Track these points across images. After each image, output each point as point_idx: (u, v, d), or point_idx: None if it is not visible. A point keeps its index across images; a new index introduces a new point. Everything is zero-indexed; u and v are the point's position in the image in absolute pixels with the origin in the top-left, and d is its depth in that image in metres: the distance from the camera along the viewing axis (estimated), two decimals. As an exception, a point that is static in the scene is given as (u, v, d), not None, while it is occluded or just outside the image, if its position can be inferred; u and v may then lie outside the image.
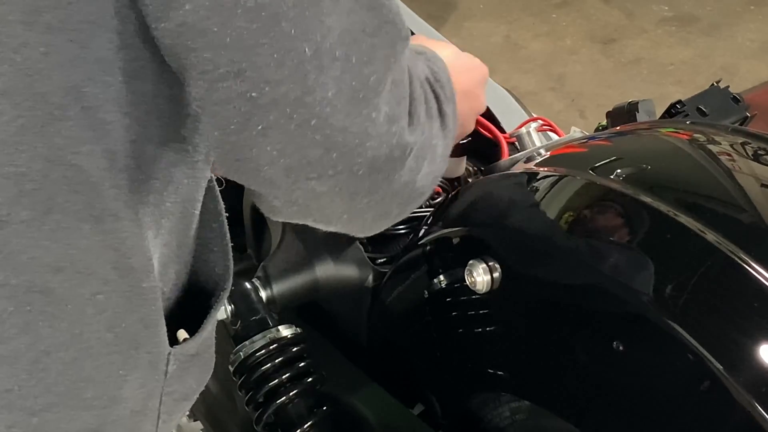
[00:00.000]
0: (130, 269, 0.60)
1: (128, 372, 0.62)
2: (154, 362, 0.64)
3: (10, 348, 0.57)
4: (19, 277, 0.56)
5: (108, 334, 0.60)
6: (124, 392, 0.63)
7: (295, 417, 0.90)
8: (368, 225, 0.68)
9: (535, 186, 0.84)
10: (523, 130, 1.07)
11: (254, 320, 0.93)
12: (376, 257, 1.01)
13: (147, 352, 0.63)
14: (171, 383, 0.67)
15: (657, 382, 0.68)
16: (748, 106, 1.10)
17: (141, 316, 0.62)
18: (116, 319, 0.60)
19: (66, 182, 0.56)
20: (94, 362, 0.60)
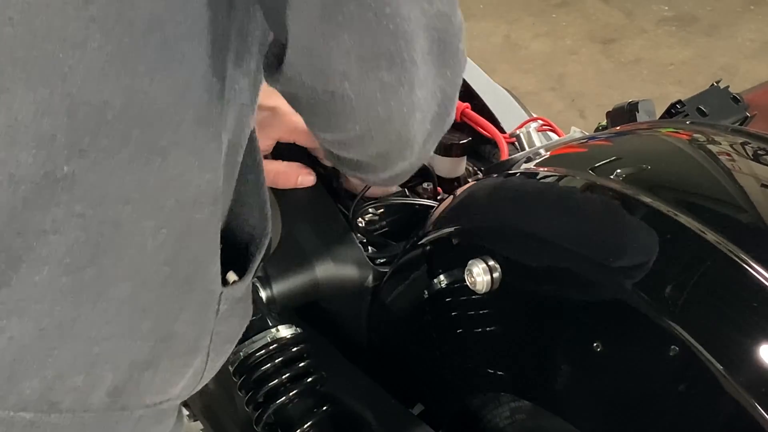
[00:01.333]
0: (191, 204, 0.62)
1: (182, 308, 0.64)
2: (207, 301, 0.66)
3: (76, 278, 0.58)
4: (95, 209, 0.57)
5: (165, 268, 0.62)
6: (179, 327, 0.64)
7: (295, 417, 0.90)
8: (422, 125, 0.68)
9: (534, 186, 0.84)
10: (523, 130, 1.07)
11: (254, 320, 0.92)
12: (376, 257, 1.01)
13: (202, 289, 0.65)
14: (220, 323, 0.69)
15: (657, 382, 0.68)
16: (748, 106, 1.10)
17: (198, 253, 0.64)
18: (174, 254, 0.62)
19: (142, 113, 0.57)
20: (150, 295, 0.62)
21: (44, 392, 0.59)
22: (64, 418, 0.61)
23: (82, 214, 0.57)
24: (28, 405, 0.59)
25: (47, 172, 0.55)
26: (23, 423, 0.60)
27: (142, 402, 0.65)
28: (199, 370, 0.70)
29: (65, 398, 0.60)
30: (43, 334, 0.58)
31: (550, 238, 0.76)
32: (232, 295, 0.69)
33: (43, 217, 0.56)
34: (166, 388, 0.67)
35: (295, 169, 0.99)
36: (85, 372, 0.60)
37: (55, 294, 0.58)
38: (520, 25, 3.57)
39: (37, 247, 0.56)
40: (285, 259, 0.98)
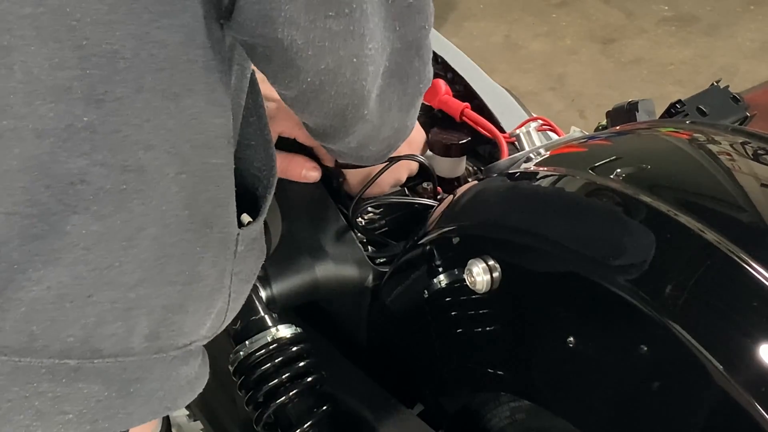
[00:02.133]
0: (206, 147, 0.64)
1: (204, 250, 0.66)
2: (225, 242, 0.68)
3: (107, 224, 0.60)
4: (116, 156, 0.59)
5: (185, 212, 0.64)
6: (202, 269, 0.66)
7: (295, 417, 0.90)
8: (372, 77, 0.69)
9: (534, 186, 0.84)
10: (523, 130, 1.07)
11: (254, 320, 0.93)
12: (376, 257, 1.01)
13: (220, 231, 0.67)
14: (238, 263, 0.71)
15: (657, 381, 0.68)
16: (748, 105, 1.10)
17: (212, 195, 0.66)
18: (193, 198, 0.64)
19: (152, 60, 0.59)
20: (173, 239, 0.63)
21: (86, 339, 0.61)
22: (106, 363, 0.63)
23: (105, 162, 0.58)
24: (71, 352, 0.61)
25: (68, 124, 0.57)
26: (67, 369, 0.61)
27: (174, 344, 0.67)
28: (223, 310, 0.72)
29: (106, 344, 0.62)
30: (80, 282, 0.60)
31: (550, 237, 0.76)
32: (247, 236, 0.71)
33: (69, 169, 0.58)
34: (195, 329, 0.68)
35: (301, 162, 1.00)
36: (123, 318, 0.62)
37: (87, 242, 0.59)
38: (520, 25, 3.57)
39: (65, 198, 0.58)
40: (285, 259, 0.98)
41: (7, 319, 0.59)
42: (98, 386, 0.63)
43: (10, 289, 0.58)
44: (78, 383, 0.62)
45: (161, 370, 0.67)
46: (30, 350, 0.60)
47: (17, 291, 0.58)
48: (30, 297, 0.59)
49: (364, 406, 0.94)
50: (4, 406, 0.60)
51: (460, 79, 1.19)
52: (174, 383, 0.68)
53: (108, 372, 0.63)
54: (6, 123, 0.56)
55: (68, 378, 0.61)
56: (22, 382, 0.60)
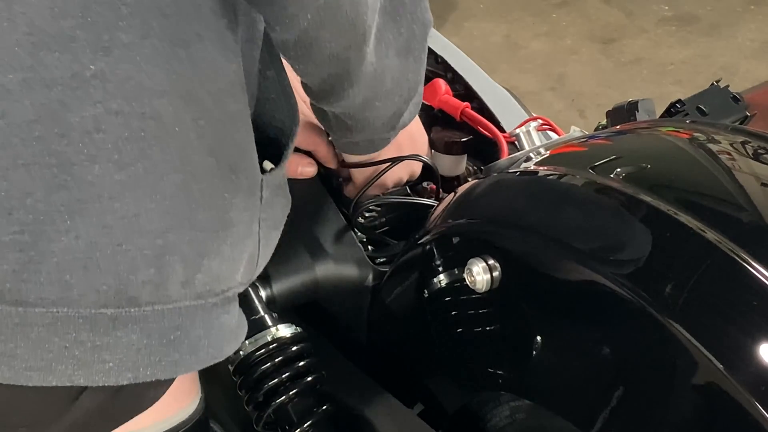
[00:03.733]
0: (222, 94, 0.64)
1: (232, 195, 0.66)
2: (251, 187, 0.69)
3: (130, 173, 0.60)
4: (131, 104, 0.59)
5: (210, 159, 0.64)
6: (233, 215, 0.67)
7: (295, 416, 0.90)
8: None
9: (534, 185, 0.84)
10: (523, 130, 1.07)
11: (254, 320, 0.93)
12: (376, 256, 1.01)
13: (245, 177, 0.68)
14: (265, 209, 0.72)
15: (657, 381, 0.68)
16: (748, 105, 1.10)
17: (236, 140, 0.67)
18: (215, 144, 0.64)
19: (156, 4, 0.59)
20: (200, 185, 0.64)
21: (120, 287, 0.62)
22: (144, 312, 0.63)
23: (120, 111, 0.59)
24: (107, 301, 0.62)
25: (75, 72, 0.57)
26: (105, 319, 0.62)
27: (212, 290, 0.67)
28: (254, 256, 0.72)
29: (141, 292, 0.63)
30: (108, 231, 0.60)
31: (550, 236, 0.76)
32: (271, 182, 0.72)
33: (83, 118, 0.58)
34: (230, 274, 0.69)
35: (297, 159, 1.00)
36: (155, 266, 0.63)
37: (112, 191, 0.60)
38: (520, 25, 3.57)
39: (83, 148, 0.58)
40: (285, 259, 0.98)
41: (41, 271, 0.59)
42: (137, 335, 0.63)
43: (42, 242, 0.59)
44: (117, 332, 0.62)
45: (202, 317, 0.67)
46: (66, 300, 0.60)
47: (49, 243, 0.59)
48: (61, 248, 0.59)
49: (364, 405, 0.94)
50: (46, 357, 0.61)
51: (460, 79, 1.19)
52: (217, 332, 0.69)
53: (146, 320, 0.64)
54: (13, 76, 0.56)
55: (106, 327, 0.62)
56: (62, 333, 0.61)
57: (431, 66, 1.24)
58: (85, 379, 0.63)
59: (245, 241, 0.70)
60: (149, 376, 0.65)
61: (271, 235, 0.75)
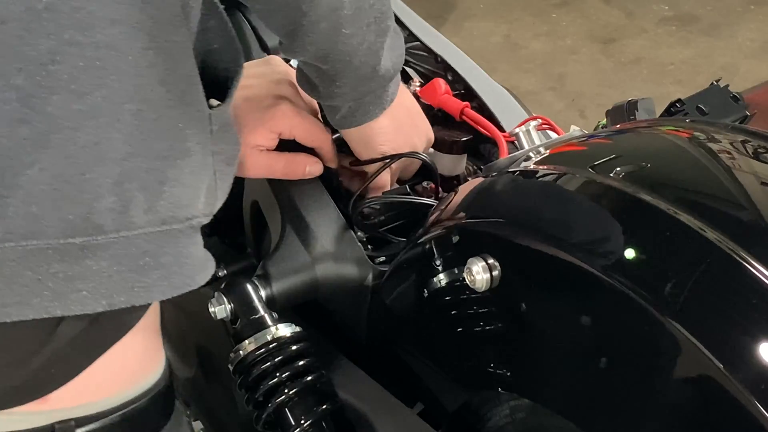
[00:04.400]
0: (164, 23, 0.66)
1: (185, 125, 0.68)
2: (202, 119, 0.71)
3: (88, 102, 0.62)
4: (84, 34, 0.60)
5: (161, 88, 0.66)
6: (188, 145, 0.69)
7: (295, 416, 0.90)
8: None
9: (534, 184, 0.84)
10: (523, 129, 1.07)
11: (254, 319, 0.93)
12: (376, 256, 1.01)
13: (195, 109, 0.70)
14: (216, 142, 0.73)
15: (657, 380, 0.68)
16: (748, 105, 1.10)
17: (185, 72, 0.68)
18: (164, 74, 0.66)
19: None
20: (155, 115, 0.65)
21: (86, 216, 0.63)
22: (110, 239, 0.65)
23: (73, 41, 0.60)
24: (75, 231, 0.63)
25: (28, 6, 0.59)
26: (74, 249, 0.63)
27: (176, 216, 0.69)
28: (212, 188, 0.74)
29: (106, 220, 0.64)
30: (72, 161, 0.62)
31: (550, 235, 0.76)
32: (219, 117, 0.74)
33: (39, 51, 0.59)
34: (193, 202, 0.71)
35: (303, 159, 1.01)
36: (116, 193, 0.64)
37: (72, 121, 0.61)
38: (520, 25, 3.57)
39: (41, 81, 0.60)
40: (284, 258, 0.98)
41: (9, 205, 0.60)
42: (107, 262, 0.65)
43: (8, 176, 0.60)
44: (87, 260, 0.64)
45: (169, 244, 0.69)
46: (35, 233, 0.62)
47: (14, 177, 0.60)
48: (27, 181, 0.60)
49: (364, 405, 0.94)
50: (21, 292, 0.62)
51: (460, 79, 1.19)
52: (187, 260, 0.70)
53: (114, 247, 0.65)
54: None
55: (76, 256, 0.63)
56: (34, 266, 0.62)
57: (431, 66, 1.24)
58: (61, 310, 0.64)
59: (202, 172, 0.71)
60: (124, 302, 0.66)
61: (226, 171, 0.76)
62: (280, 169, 1.00)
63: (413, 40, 1.26)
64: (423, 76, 1.24)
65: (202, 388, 1.28)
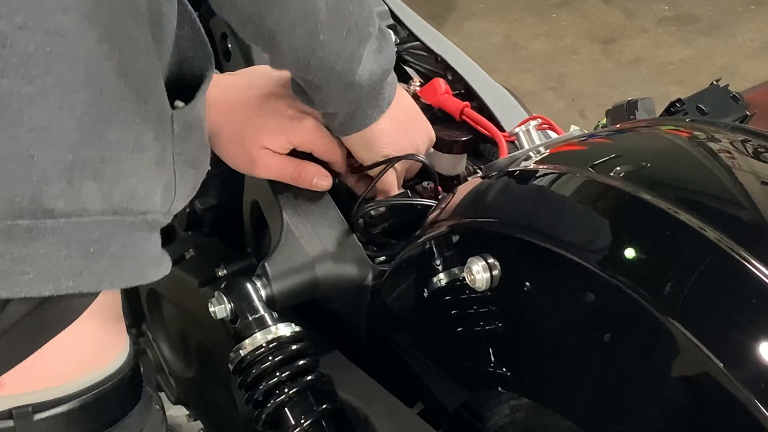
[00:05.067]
0: (123, 17, 0.66)
1: (143, 120, 0.68)
2: (161, 118, 0.70)
3: (38, 86, 0.62)
4: (35, 19, 0.61)
5: (117, 81, 0.66)
6: (144, 140, 0.68)
7: (295, 415, 0.90)
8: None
9: (534, 183, 0.84)
10: (523, 129, 1.07)
11: (253, 319, 0.93)
12: (376, 255, 1.01)
13: (154, 106, 0.69)
14: (178, 144, 0.73)
15: (657, 379, 0.68)
16: (748, 104, 1.10)
17: (143, 69, 0.68)
18: (121, 67, 0.66)
19: None
20: (111, 106, 0.66)
21: (33, 198, 0.63)
22: (60, 222, 0.64)
23: (24, 25, 0.60)
24: (22, 212, 0.63)
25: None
26: (21, 230, 0.63)
27: (130, 208, 0.69)
28: (170, 187, 0.73)
29: (56, 204, 0.64)
30: (19, 143, 0.62)
31: (550, 235, 0.76)
32: (182, 118, 0.73)
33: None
34: (148, 196, 0.70)
35: (313, 170, 1.00)
36: (66, 178, 0.64)
37: (20, 103, 0.61)
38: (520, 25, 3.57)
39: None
40: (284, 258, 0.98)
41: None
42: (55, 245, 0.64)
43: None
44: (34, 243, 0.63)
45: (120, 234, 0.68)
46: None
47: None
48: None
49: (364, 404, 0.94)
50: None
51: (460, 79, 1.19)
52: (138, 254, 0.70)
53: (63, 231, 0.65)
54: None
55: (23, 238, 0.63)
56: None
57: (431, 66, 1.24)
58: (6, 292, 0.64)
59: (160, 169, 0.71)
60: (71, 288, 0.66)
61: (188, 173, 0.76)
62: (288, 175, 1.00)
63: (413, 40, 1.26)
64: (423, 76, 1.24)
65: (202, 388, 1.28)
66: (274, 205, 1.03)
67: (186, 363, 1.31)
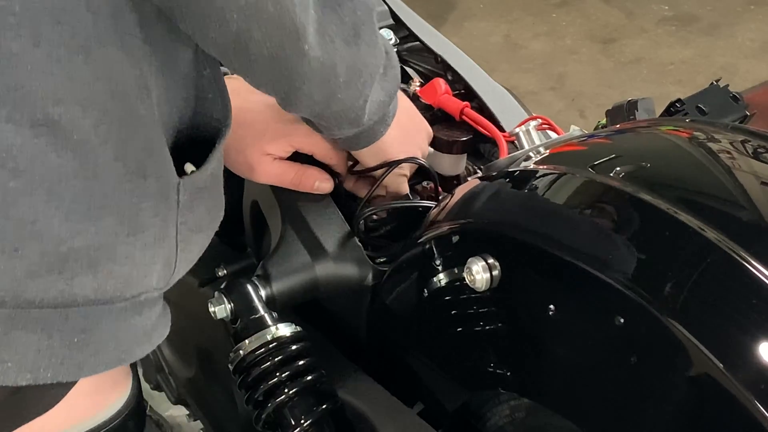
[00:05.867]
0: (124, 96, 0.62)
1: (140, 200, 0.65)
2: (164, 191, 0.67)
3: (24, 181, 0.59)
4: (22, 111, 0.58)
5: (116, 163, 0.63)
6: (142, 220, 0.66)
7: (295, 415, 0.90)
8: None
9: (534, 184, 0.84)
10: (523, 129, 1.07)
11: (254, 319, 0.93)
12: (376, 256, 1.01)
13: (156, 180, 0.66)
14: (184, 213, 0.70)
15: (657, 380, 0.68)
16: (748, 104, 1.10)
17: (144, 144, 0.65)
18: (121, 148, 0.63)
19: (47, 13, 0.58)
20: (105, 189, 0.63)
21: (17, 292, 0.61)
22: (44, 312, 0.62)
23: (10, 118, 0.58)
24: (4, 303, 0.61)
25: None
26: (2, 317, 0.61)
27: (121, 295, 0.66)
28: (170, 261, 0.71)
29: (44, 296, 0.62)
30: (4, 236, 0.60)
31: (550, 235, 0.76)
32: (191, 185, 0.70)
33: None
34: (142, 279, 0.68)
35: (314, 173, 1.00)
36: (58, 270, 0.62)
37: (7, 198, 0.59)
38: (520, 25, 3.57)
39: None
40: (284, 258, 0.98)
41: None
42: (37, 335, 0.62)
43: None
44: (15, 331, 0.61)
45: (109, 320, 0.66)
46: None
47: None
48: None
49: (364, 405, 0.94)
50: None
51: (460, 79, 1.19)
52: (127, 334, 0.68)
53: (48, 321, 0.63)
54: None
55: (4, 326, 0.61)
56: None
57: (431, 66, 1.24)
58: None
59: (159, 245, 0.68)
60: (50, 378, 0.63)
61: (193, 239, 0.73)
62: (289, 180, 0.99)
63: (413, 40, 1.26)
64: (423, 76, 1.24)
65: (202, 388, 1.28)
66: (274, 206, 1.03)
67: (186, 363, 1.31)
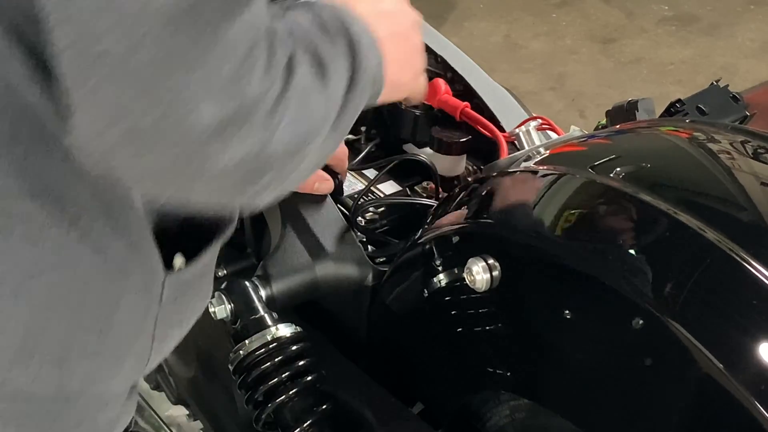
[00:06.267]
0: (108, 199, 0.60)
1: (120, 295, 0.62)
2: (147, 286, 0.64)
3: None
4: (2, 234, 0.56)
5: (96, 257, 0.60)
6: (119, 316, 0.63)
7: (295, 416, 0.90)
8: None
9: (534, 184, 0.84)
10: (523, 129, 1.07)
11: (254, 319, 0.93)
12: (376, 256, 1.01)
13: (139, 276, 0.63)
14: (165, 308, 0.66)
15: (657, 380, 0.68)
16: (748, 105, 1.10)
17: (128, 242, 0.62)
18: (102, 243, 0.60)
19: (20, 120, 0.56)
20: (82, 285, 0.60)
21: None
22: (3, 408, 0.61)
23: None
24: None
25: None
26: None
27: (86, 392, 0.65)
28: (143, 356, 0.68)
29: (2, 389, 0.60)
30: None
31: (549, 236, 0.76)
32: (177, 280, 0.67)
33: None
34: (110, 375, 0.66)
35: (315, 175, 0.99)
36: (19, 365, 0.60)
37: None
38: (520, 25, 3.57)
39: None
40: (284, 258, 0.98)
41: None
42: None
43: None
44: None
45: (71, 416, 0.65)
46: None
47: None
48: None
49: (364, 405, 0.94)
50: None
51: (460, 79, 1.18)
52: (89, 427, 0.66)
53: (5, 415, 0.61)
54: None
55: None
56: None
57: (431, 66, 1.24)
58: None
59: (133, 340, 0.66)
60: None
61: (172, 333, 0.71)
62: None
63: (413, 40, 1.26)
64: (423, 76, 1.24)
65: (202, 388, 1.28)
66: (273, 206, 1.03)
67: (186, 363, 1.31)
